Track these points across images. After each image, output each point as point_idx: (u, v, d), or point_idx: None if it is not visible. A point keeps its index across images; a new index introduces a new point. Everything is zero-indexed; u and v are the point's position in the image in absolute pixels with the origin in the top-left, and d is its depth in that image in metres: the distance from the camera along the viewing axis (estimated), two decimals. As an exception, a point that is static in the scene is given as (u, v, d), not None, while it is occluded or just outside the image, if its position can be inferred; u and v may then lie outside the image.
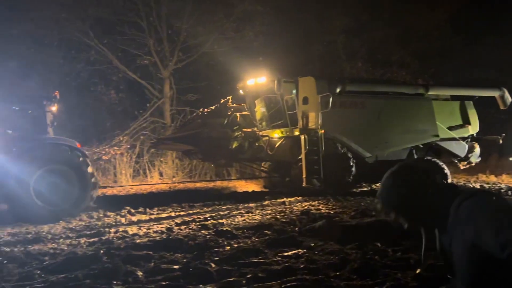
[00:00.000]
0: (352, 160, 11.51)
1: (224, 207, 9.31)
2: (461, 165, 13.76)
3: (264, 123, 12.68)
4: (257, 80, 12.37)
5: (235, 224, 7.06)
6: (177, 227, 6.92)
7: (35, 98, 8.99)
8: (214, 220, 7.55)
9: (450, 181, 2.24)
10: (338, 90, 11.61)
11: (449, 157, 13.29)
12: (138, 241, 5.82)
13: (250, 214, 8.20)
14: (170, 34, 18.88)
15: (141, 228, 7.03)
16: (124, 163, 15.53)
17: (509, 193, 10.71)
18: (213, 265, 4.40)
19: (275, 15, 19.50)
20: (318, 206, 9.02)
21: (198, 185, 14.86)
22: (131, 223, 7.64)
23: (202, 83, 19.62)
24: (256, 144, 12.49)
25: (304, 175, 10.95)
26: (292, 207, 9.04)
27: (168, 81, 19.11)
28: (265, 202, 9.84)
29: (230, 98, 12.94)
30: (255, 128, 12.70)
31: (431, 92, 13.14)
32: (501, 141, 13.93)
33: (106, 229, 6.93)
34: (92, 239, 6.12)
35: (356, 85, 12.55)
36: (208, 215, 8.21)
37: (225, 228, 6.40)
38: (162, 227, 6.98)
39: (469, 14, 21.04)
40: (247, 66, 14.89)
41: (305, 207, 8.92)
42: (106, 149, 15.67)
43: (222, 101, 12.90)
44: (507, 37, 19.48)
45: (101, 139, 16.50)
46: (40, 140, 8.36)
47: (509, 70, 19.07)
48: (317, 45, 21.65)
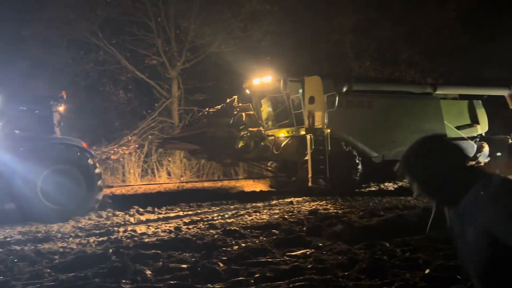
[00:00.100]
0: (358, 158, 11.46)
1: (232, 207, 9.31)
2: (470, 165, 13.64)
3: (270, 123, 12.66)
4: (263, 80, 12.35)
5: (243, 224, 7.06)
6: (185, 227, 6.94)
7: (42, 98, 9.02)
8: (222, 220, 7.57)
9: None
10: (345, 89, 11.55)
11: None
12: (147, 240, 5.86)
13: (258, 214, 8.20)
14: (178, 34, 18.93)
15: (150, 227, 7.07)
16: (133, 163, 15.61)
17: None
18: (221, 265, 4.41)
19: (283, 15, 19.46)
20: (326, 206, 9.00)
21: (206, 185, 14.89)
22: (140, 222, 7.68)
23: (210, 83, 19.65)
24: (262, 144, 12.48)
25: (310, 175, 10.90)
26: (300, 207, 9.02)
27: (176, 81, 19.18)
28: (273, 202, 9.83)
29: (236, 98, 12.96)
30: (261, 128, 12.69)
31: (439, 91, 13.04)
32: (511, 141, 13.79)
33: (115, 228, 6.99)
34: (101, 238, 6.17)
35: (363, 84, 12.48)
36: (216, 215, 8.23)
37: (233, 228, 6.42)
38: (171, 227, 7.01)
39: (479, 12, 20.81)
40: (255, 66, 14.88)
41: (313, 207, 8.91)
42: (115, 149, 15.75)
43: (228, 101, 12.92)
44: (518, 35, 19.25)
45: (110, 139, 16.60)
46: (47, 140, 8.39)
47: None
48: (325, 44, 21.53)
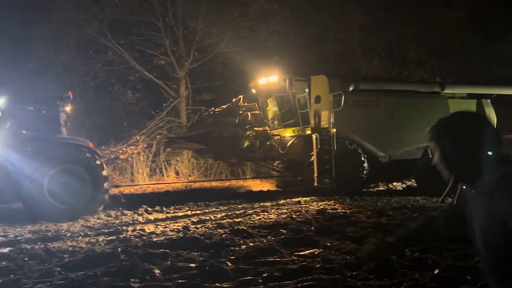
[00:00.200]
0: (364, 156, 11.38)
1: (240, 206, 9.31)
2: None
3: (276, 122, 12.63)
4: (269, 79, 12.29)
5: (251, 223, 7.06)
6: (193, 226, 6.96)
7: (49, 99, 9.04)
8: (230, 219, 7.57)
9: None
10: (351, 89, 11.44)
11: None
12: (155, 240, 5.89)
13: (266, 213, 8.20)
14: (186, 34, 18.98)
15: (158, 227, 7.10)
16: (141, 162, 15.68)
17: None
18: (229, 264, 4.42)
19: (291, 14, 19.43)
20: (334, 206, 8.98)
21: (214, 184, 14.91)
22: (148, 222, 7.72)
23: (217, 83, 19.67)
24: (268, 143, 12.45)
25: (316, 175, 10.83)
26: (308, 207, 9.01)
27: (184, 81, 19.24)
28: (281, 201, 9.82)
29: (241, 97, 12.95)
30: (267, 127, 12.67)
31: (447, 90, 12.90)
32: (521, 140, 13.64)
33: (124, 228, 7.03)
34: (110, 237, 6.21)
35: (369, 83, 12.36)
36: (224, 214, 8.24)
37: (241, 227, 6.42)
38: (179, 226, 7.04)
39: (488, 11, 20.63)
40: (262, 65, 14.85)
41: (321, 207, 8.89)
42: (123, 148, 15.82)
43: (234, 100, 12.92)
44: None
45: (118, 139, 16.68)
46: (54, 140, 8.43)
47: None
48: (333, 44, 21.47)
